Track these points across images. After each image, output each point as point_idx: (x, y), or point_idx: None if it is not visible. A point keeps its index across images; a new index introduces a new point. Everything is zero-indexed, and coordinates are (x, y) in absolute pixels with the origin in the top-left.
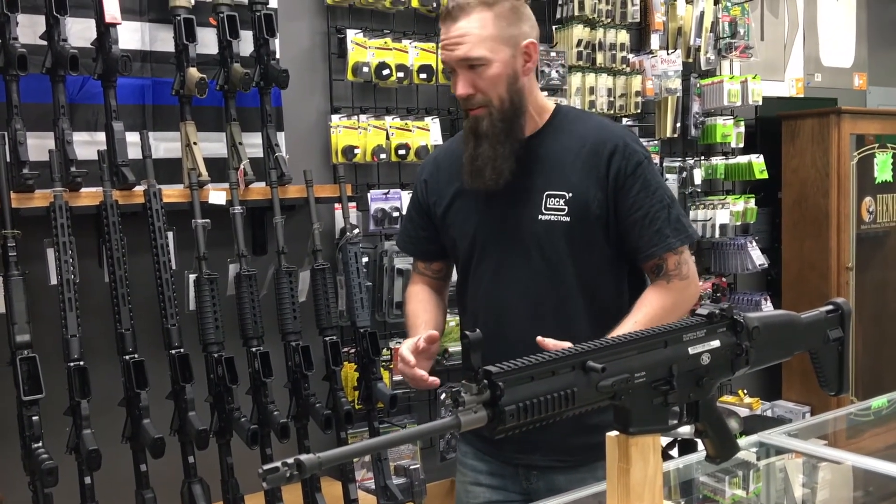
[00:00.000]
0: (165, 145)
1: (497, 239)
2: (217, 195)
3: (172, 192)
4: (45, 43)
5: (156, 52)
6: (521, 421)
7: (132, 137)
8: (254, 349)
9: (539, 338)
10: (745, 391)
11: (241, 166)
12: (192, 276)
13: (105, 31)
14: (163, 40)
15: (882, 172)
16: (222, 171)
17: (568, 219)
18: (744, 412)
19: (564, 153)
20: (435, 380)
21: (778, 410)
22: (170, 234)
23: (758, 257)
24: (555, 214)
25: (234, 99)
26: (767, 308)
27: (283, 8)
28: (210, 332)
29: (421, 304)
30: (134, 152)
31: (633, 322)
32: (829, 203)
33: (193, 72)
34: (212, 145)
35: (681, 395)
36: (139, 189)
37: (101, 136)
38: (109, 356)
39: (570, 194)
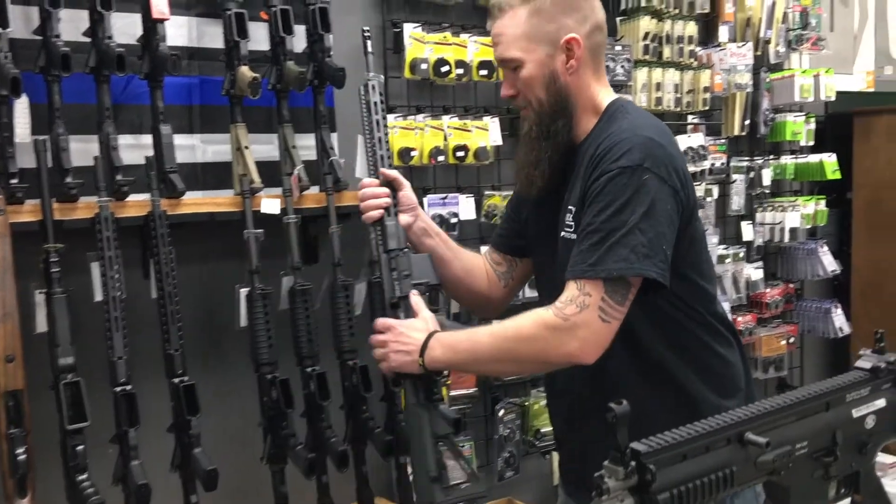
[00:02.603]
0: (214, 148)
1: (540, 253)
2: (270, 203)
3: (222, 200)
4: (88, 40)
5: (204, 49)
6: None
7: (180, 140)
8: (309, 369)
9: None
10: None
11: (296, 172)
12: (243, 291)
13: (152, 27)
14: (211, 36)
15: None
16: (273, 175)
17: (575, 236)
18: None
19: (587, 158)
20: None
21: None
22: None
23: (829, 263)
24: (568, 231)
25: (286, 99)
26: (839, 316)
27: (336, 1)
28: (264, 352)
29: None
30: (182, 156)
31: (473, 336)
32: None
33: (246, 70)
34: (262, 148)
35: (842, 466)
36: (187, 198)
37: (146, 139)
38: (156, 377)
39: (575, 208)
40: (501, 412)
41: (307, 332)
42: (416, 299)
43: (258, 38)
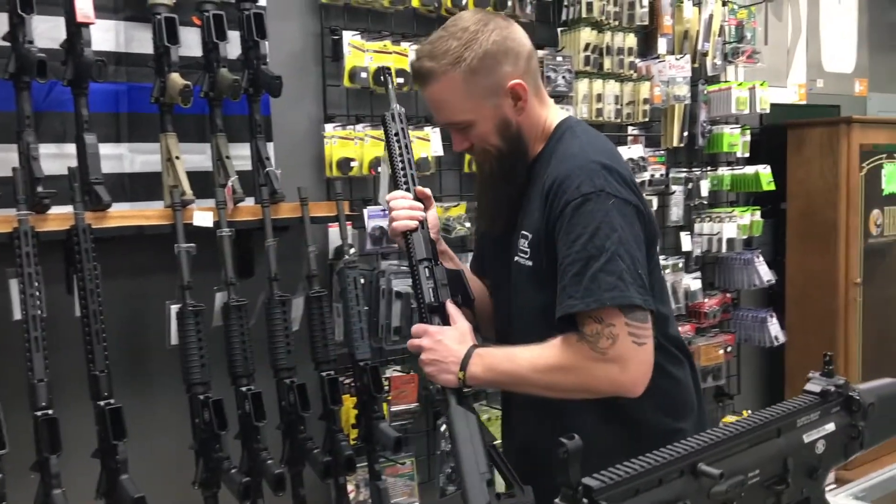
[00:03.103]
0: (142, 158)
1: (495, 273)
2: (203, 216)
3: (151, 213)
4: (7, 44)
5: (132, 55)
6: None
7: (106, 149)
8: (244, 389)
9: None
10: (750, 412)
11: (230, 183)
12: (174, 308)
13: (76, 31)
14: (140, 41)
15: (890, 184)
16: (206, 187)
17: (530, 263)
18: None
19: (537, 186)
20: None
21: None
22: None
23: (765, 272)
24: (522, 257)
25: (219, 107)
26: (774, 325)
27: (272, 7)
28: (195, 371)
29: None
30: (108, 166)
31: (513, 359)
32: (837, 216)
33: (176, 77)
34: (194, 158)
35: (794, 492)
36: (114, 211)
37: (70, 149)
38: (80, 400)
39: (531, 235)
40: (443, 427)
41: (242, 349)
42: (452, 308)
43: (190, 43)
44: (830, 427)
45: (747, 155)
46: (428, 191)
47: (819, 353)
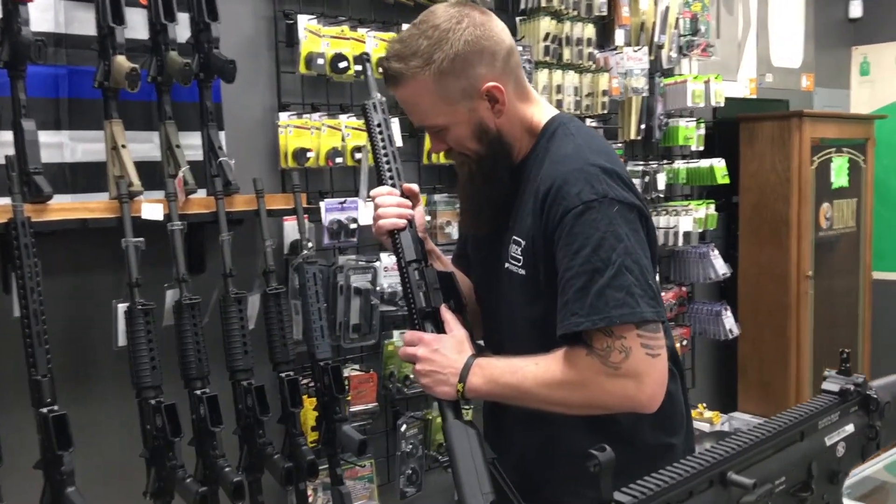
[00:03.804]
0: (85, 147)
1: (481, 278)
2: (152, 208)
3: (96, 205)
4: None
5: (73, 36)
6: None
7: (45, 137)
8: (198, 392)
9: None
10: (705, 405)
11: (181, 174)
12: (121, 307)
13: (13, 9)
14: (82, 21)
15: (838, 177)
16: (155, 178)
17: (523, 272)
18: (704, 426)
19: (530, 189)
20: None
21: (735, 423)
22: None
23: (720, 266)
24: (514, 265)
25: (168, 93)
26: (728, 318)
27: None
28: (146, 375)
29: None
30: (48, 156)
31: (517, 371)
32: (789, 209)
33: (122, 60)
34: (141, 147)
35: (816, 499)
36: (55, 203)
37: (6, 136)
38: (21, 407)
39: (525, 242)
40: (403, 427)
41: (196, 350)
42: (447, 314)
43: (135, 25)
44: (850, 428)
45: (702, 148)
46: (416, 187)
47: (772, 345)
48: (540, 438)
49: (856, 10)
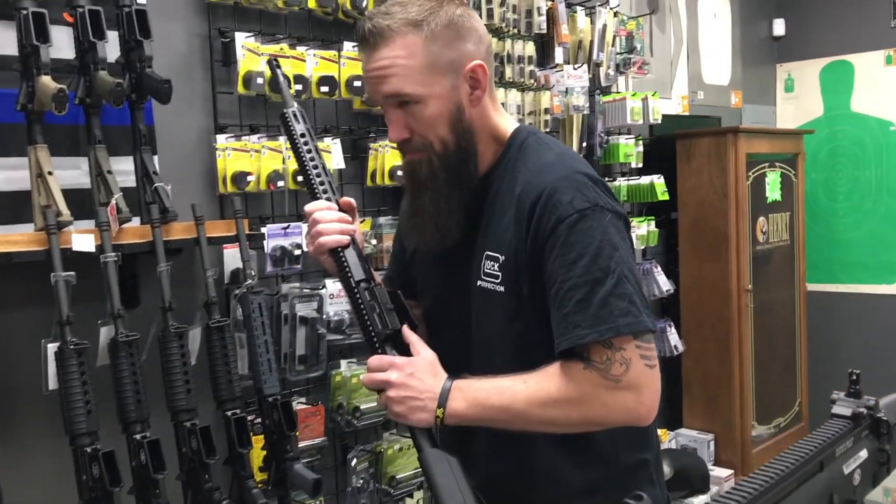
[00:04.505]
0: (7, 175)
1: (442, 304)
2: (83, 239)
3: (20, 237)
4: None
5: None
6: None
7: None
8: (138, 436)
9: None
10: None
11: (113, 201)
12: (51, 347)
13: None
14: (2, 40)
15: (772, 191)
16: (85, 206)
17: (502, 288)
18: None
19: (504, 201)
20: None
21: (682, 440)
22: None
23: (664, 282)
24: (491, 282)
25: (97, 116)
26: (673, 334)
27: (152, 5)
28: (80, 420)
29: None
30: None
31: (504, 392)
32: (727, 224)
33: (47, 81)
34: (69, 174)
35: None
36: None
37: None
38: None
39: (503, 258)
40: (354, 461)
41: (134, 391)
42: (412, 335)
43: (60, 44)
44: (864, 454)
45: (640, 165)
46: (353, 201)
47: (715, 360)
48: (513, 462)
49: (779, 29)
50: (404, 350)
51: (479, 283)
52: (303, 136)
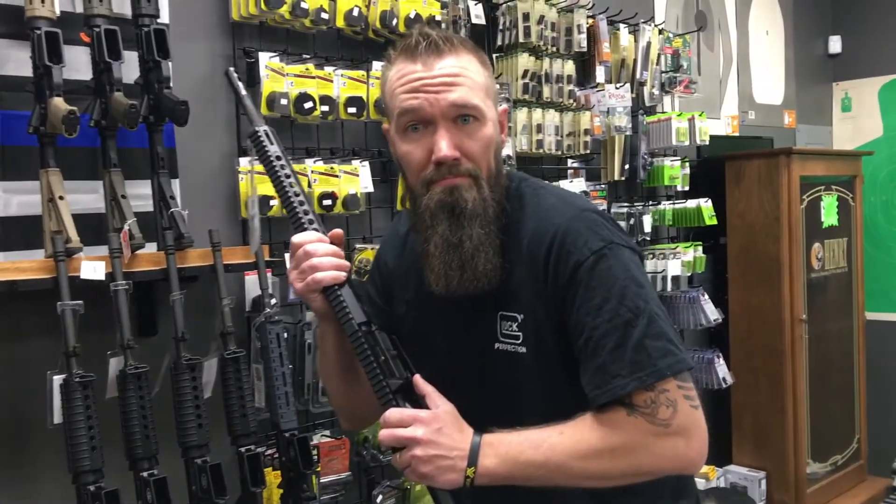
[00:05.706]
0: (19, 199)
1: (455, 363)
2: (93, 266)
3: (28, 264)
4: None
5: (6, 77)
6: None
7: None
8: (145, 474)
9: None
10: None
11: (126, 227)
12: (57, 379)
13: None
14: (16, 61)
15: (829, 216)
16: (97, 232)
17: (524, 349)
18: (699, 482)
19: (512, 257)
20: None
21: (732, 477)
22: None
23: (711, 311)
24: (511, 343)
25: (113, 139)
26: (721, 366)
27: (176, 25)
28: (84, 457)
29: None
30: None
31: (540, 445)
32: (779, 250)
33: (59, 103)
34: (83, 198)
35: None
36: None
37: None
38: None
39: (522, 316)
40: (380, 498)
41: (143, 426)
42: (427, 386)
43: (77, 65)
44: None
45: (686, 188)
46: (341, 232)
47: (767, 393)
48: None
49: (835, 46)
50: (416, 402)
51: (496, 345)
52: (278, 158)
